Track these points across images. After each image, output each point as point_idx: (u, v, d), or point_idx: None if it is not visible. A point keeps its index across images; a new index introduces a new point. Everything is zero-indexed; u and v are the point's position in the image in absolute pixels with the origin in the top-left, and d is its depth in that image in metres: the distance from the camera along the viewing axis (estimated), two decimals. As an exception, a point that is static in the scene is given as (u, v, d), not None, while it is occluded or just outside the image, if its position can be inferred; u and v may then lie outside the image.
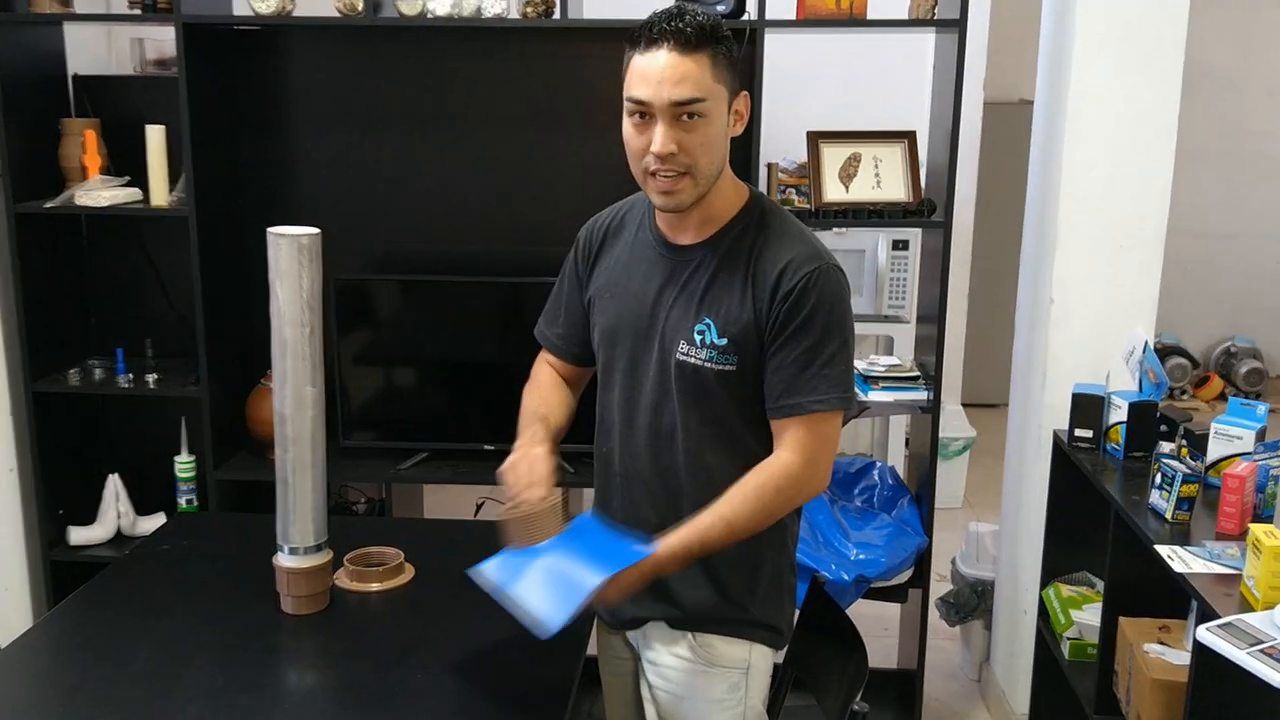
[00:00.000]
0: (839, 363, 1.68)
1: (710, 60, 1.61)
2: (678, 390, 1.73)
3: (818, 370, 1.66)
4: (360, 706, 1.65)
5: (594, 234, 1.89)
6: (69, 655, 1.82)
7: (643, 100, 1.61)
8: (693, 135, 1.62)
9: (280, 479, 1.89)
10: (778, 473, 1.69)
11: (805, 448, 1.69)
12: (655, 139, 1.61)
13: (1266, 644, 1.74)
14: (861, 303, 4.47)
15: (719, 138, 1.65)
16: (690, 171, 1.64)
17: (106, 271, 3.23)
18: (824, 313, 1.66)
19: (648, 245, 1.79)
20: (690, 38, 1.59)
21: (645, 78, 1.60)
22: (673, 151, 1.61)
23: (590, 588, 1.56)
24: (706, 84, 1.61)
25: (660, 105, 1.60)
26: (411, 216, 3.15)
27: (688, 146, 1.62)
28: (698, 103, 1.60)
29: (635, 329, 1.77)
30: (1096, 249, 2.78)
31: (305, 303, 1.83)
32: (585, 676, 1.81)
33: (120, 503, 3.11)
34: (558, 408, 1.90)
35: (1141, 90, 2.71)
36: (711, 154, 1.65)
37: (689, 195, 1.66)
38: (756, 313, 1.68)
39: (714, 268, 1.71)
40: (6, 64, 2.85)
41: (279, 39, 3.08)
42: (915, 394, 2.92)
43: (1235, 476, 2.16)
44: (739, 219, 1.73)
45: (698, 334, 1.71)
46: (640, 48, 1.62)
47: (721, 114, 1.65)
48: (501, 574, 1.65)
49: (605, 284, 1.83)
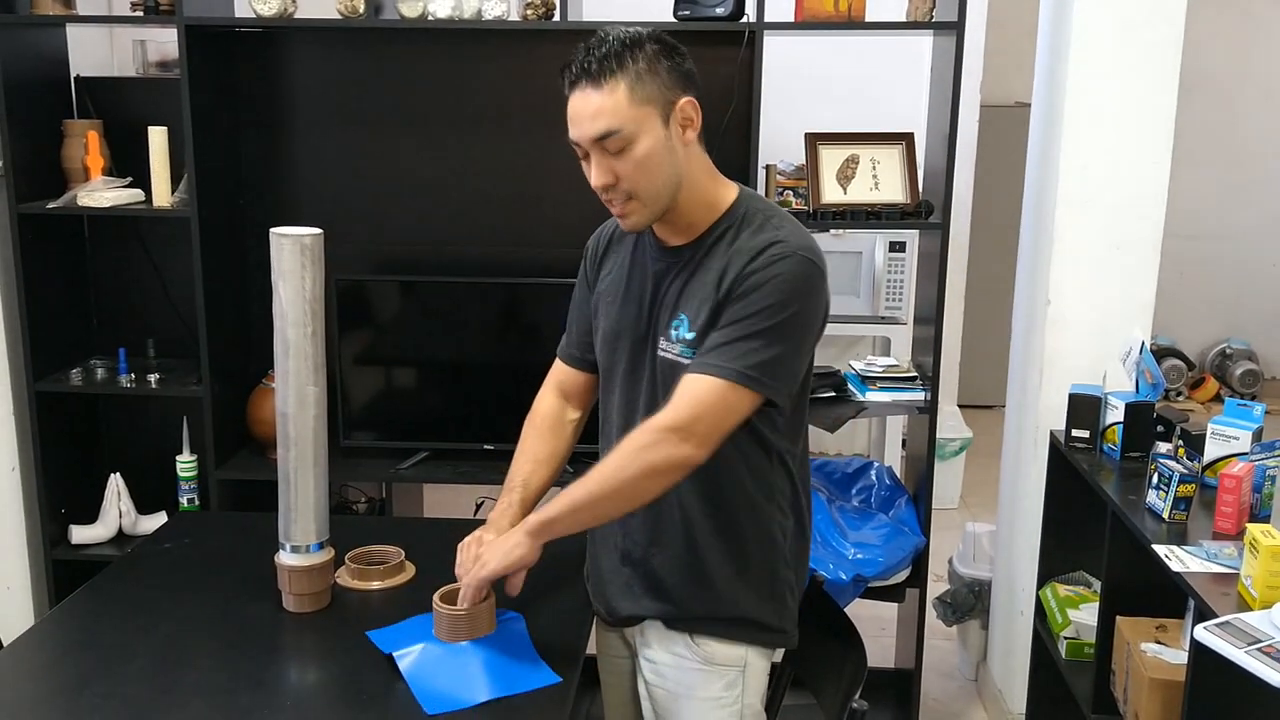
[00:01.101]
0: (774, 346, 1.62)
1: (627, 85, 1.60)
2: (663, 389, 1.73)
3: (744, 341, 1.62)
4: (361, 704, 1.65)
5: (600, 241, 1.92)
6: (71, 654, 1.82)
7: (573, 139, 1.66)
8: (623, 162, 1.63)
9: (282, 478, 1.90)
10: (646, 425, 1.65)
11: (690, 406, 1.62)
12: (590, 173, 1.66)
13: (1264, 643, 1.75)
14: (859, 304, 4.49)
15: (656, 157, 1.64)
16: (635, 195, 1.66)
17: (109, 272, 3.24)
18: (776, 291, 1.62)
19: (645, 249, 1.81)
20: (595, 72, 1.60)
21: (572, 118, 1.65)
22: (608, 183, 1.65)
23: (476, 701, 1.64)
24: (623, 112, 1.60)
25: (585, 142, 1.64)
26: (412, 218, 3.16)
27: (621, 173, 1.64)
28: (615, 135, 1.61)
29: (634, 332, 1.79)
30: (1093, 251, 2.79)
31: (307, 303, 1.84)
32: (584, 675, 1.82)
33: (122, 502, 3.12)
34: (545, 464, 1.93)
35: (1138, 93, 2.72)
36: (651, 175, 1.64)
37: (643, 216, 1.68)
38: (719, 297, 1.67)
39: (697, 265, 1.73)
40: (9, 65, 2.86)
41: (281, 40, 3.09)
42: (912, 395, 2.93)
43: (1232, 477, 2.17)
44: (725, 218, 1.74)
45: (674, 329, 1.72)
46: (566, 88, 1.66)
47: (652, 133, 1.63)
48: (409, 653, 1.72)
49: (607, 288, 1.85)
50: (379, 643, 1.77)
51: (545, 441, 1.95)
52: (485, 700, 1.64)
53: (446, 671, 1.68)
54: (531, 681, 1.69)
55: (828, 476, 3.19)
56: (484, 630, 1.76)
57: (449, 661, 1.70)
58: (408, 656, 1.71)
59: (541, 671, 1.71)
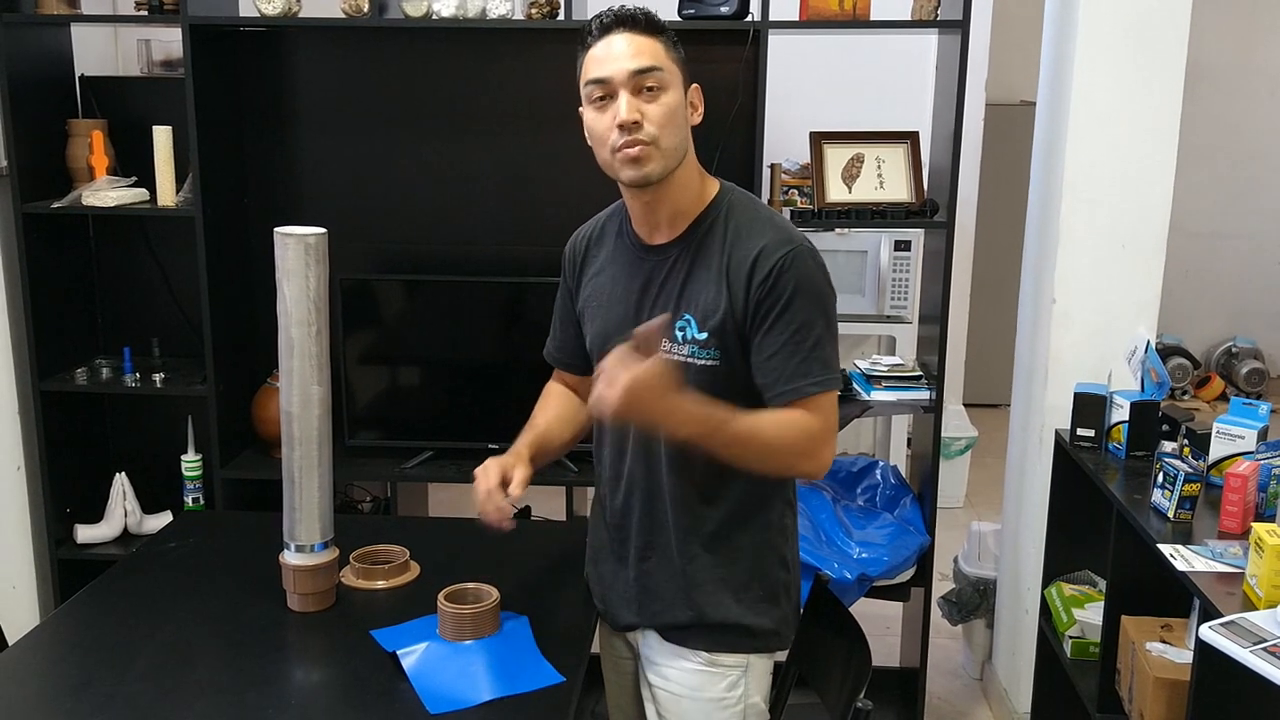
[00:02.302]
0: (826, 343, 1.68)
1: (664, 42, 1.68)
2: None
3: (808, 353, 1.66)
4: (366, 703, 1.65)
5: (576, 247, 1.91)
6: (76, 653, 1.82)
7: (603, 78, 1.65)
8: (654, 106, 1.65)
9: (287, 477, 1.90)
10: (799, 421, 1.66)
11: (823, 431, 1.68)
12: (620, 108, 1.64)
13: (1269, 642, 1.75)
14: (864, 303, 4.48)
15: (679, 114, 1.68)
16: (655, 142, 1.65)
17: (113, 271, 3.24)
18: (803, 295, 1.66)
19: (626, 250, 1.81)
20: (642, 23, 1.67)
21: (603, 60, 1.66)
22: (636, 120, 1.64)
23: (479, 700, 1.64)
24: (662, 58, 1.66)
25: (621, 77, 1.64)
26: (416, 217, 3.16)
27: (650, 116, 1.65)
28: (656, 71, 1.65)
29: (622, 334, 1.78)
30: (1098, 249, 2.79)
31: (312, 302, 1.84)
32: (588, 675, 1.82)
33: (127, 501, 3.12)
34: (555, 414, 1.93)
35: (1143, 91, 2.72)
36: (673, 128, 1.67)
37: (657, 165, 1.67)
38: (732, 302, 1.68)
39: (689, 264, 1.73)
40: (14, 65, 2.86)
41: (285, 40, 3.09)
42: (917, 394, 2.93)
43: (1238, 476, 2.16)
44: (709, 211, 1.74)
45: (679, 330, 1.72)
46: (594, 37, 1.68)
47: (679, 92, 1.68)
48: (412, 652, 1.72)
49: (591, 293, 1.85)
50: (383, 642, 1.78)
51: (558, 401, 1.97)
52: (488, 699, 1.64)
53: (450, 671, 1.69)
54: (535, 681, 1.69)
55: (832, 475, 3.19)
56: (488, 630, 1.76)
57: (453, 661, 1.70)
58: (411, 655, 1.71)
59: (545, 671, 1.72)
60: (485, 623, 1.76)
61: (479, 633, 1.75)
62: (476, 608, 1.76)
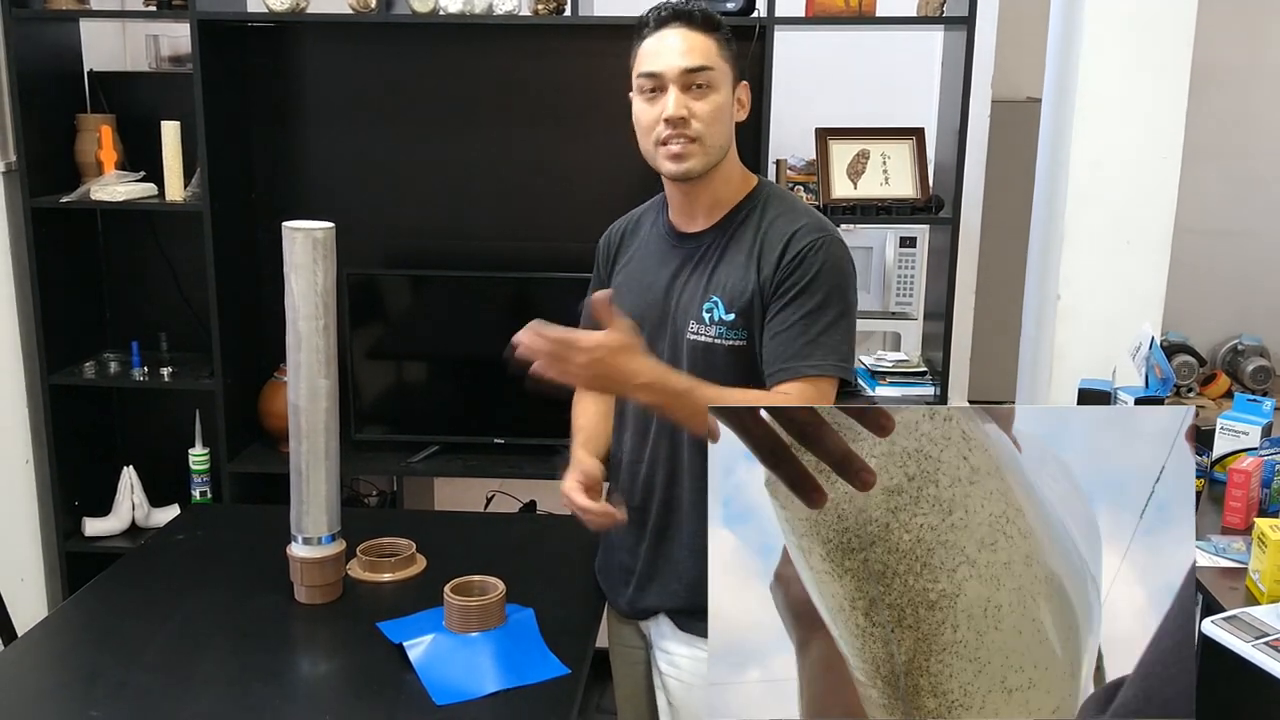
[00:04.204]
0: (838, 330, 1.68)
1: (718, 41, 1.70)
2: (689, 371, 1.74)
3: (816, 336, 1.66)
4: (372, 694, 1.66)
5: (611, 239, 1.94)
6: (84, 645, 1.84)
7: (654, 72, 1.68)
8: (702, 104, 1.68)
9: (294, 470, 1.91)
10: (778, 400, 1.64)
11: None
12: (668, 104, 1.67)
13: (1272, 637, 1.75)
14: (869, 299, 4.47)
15: (725, 112, 1.71)
16: (699, 139, 1.68)
17: (122, 266, 3.26)
18: (826, 279, 1.67)
19: (661, 238, 1.83)
20: (698, 20, 1.69)
21: (656, 53, 1.69)
22: (683, 115, 1.67)
23: (485, 692, 1.65)
24: (713, 57, 1.69)
25: (672, 74, 1.67)
26: (424, 212, 3.17)
27: (697, 113, 1.68)
28: (706, 71, 1.68)
29: (650, 318, 1.79)
30: (1104, 246, 2.79)
31: (319, 296, 1.85)
32: (594, 668, 1.83)
33: (135, 494, 3.14)
34: (594, 410, 1.97)
35: (1149, 88, 2.72)
36: (719, 126, 1.70)
37: (699, 161, 1.70)
38: (760, 281, 1.69)
39: (723, 248, 1.75)
40: (23, 60, 2.87)
41: (293, 35, 3.10)
42: (922, 390, 2.93)
43: (1241, 472, 2.17)
44: (746, 202, 1.77)
45: (706, 312, 1.73)
46: (649, 29, 1.71)
47: (727, 91, 1.71)
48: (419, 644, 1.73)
49: (623, 280, 1.87)
50: (389, 634, 1.79)
51: (593, 399, 1.98)
52: (494, 691, 1.65)
53: (456, 662, 1.70)
54: (540, 673, 1.70)
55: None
56: (494, 622, 1.77)
57: (459, 652, 1.72)
58: (418, 647, 1.72)
59: (550, 663, 1.73)
60: (491, 615, 1.77)
61: (485, 625, 1.76)
62: (482, 600, 1.77)
